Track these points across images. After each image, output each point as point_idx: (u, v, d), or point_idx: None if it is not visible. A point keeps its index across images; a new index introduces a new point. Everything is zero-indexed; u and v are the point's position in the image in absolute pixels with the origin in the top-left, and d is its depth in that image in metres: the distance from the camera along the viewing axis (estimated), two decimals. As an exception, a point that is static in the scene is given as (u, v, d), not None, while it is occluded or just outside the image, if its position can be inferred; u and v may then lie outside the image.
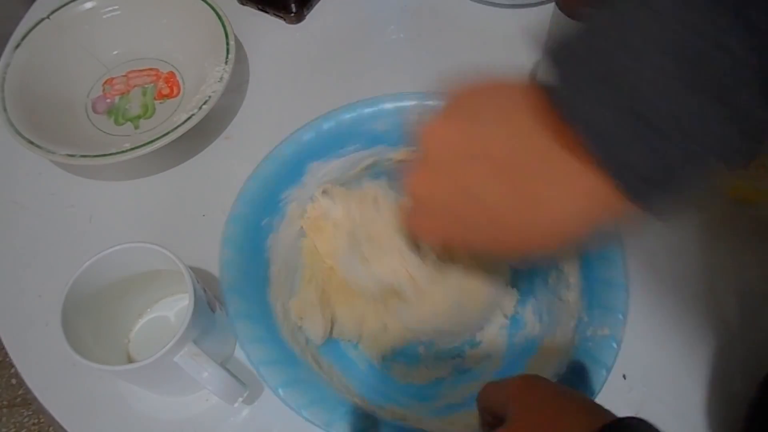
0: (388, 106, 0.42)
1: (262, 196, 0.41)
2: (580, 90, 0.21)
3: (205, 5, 0.57)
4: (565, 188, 0.23)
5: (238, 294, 0.37)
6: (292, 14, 0.63)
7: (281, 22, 0.64)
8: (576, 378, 0.35)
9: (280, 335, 0.38)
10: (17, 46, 0.55)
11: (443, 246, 0.38)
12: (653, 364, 0.43)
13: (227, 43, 0.54)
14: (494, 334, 0.44)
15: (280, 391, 0.33)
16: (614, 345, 0.36)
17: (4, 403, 1.17)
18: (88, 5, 0.58)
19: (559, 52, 0.22)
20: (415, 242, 0.40)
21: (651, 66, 0.19)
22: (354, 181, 0.46)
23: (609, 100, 0.20)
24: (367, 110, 0.42)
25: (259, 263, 0.40)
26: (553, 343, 0.39)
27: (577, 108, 0.21)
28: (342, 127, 0.42)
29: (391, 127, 0.43)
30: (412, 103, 0.42)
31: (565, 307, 0.40)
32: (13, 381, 1.18)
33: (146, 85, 0.58)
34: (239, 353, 0.44)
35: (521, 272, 0.44)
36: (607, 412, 0.25)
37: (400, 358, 0.43)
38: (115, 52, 0.60)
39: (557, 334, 0.40)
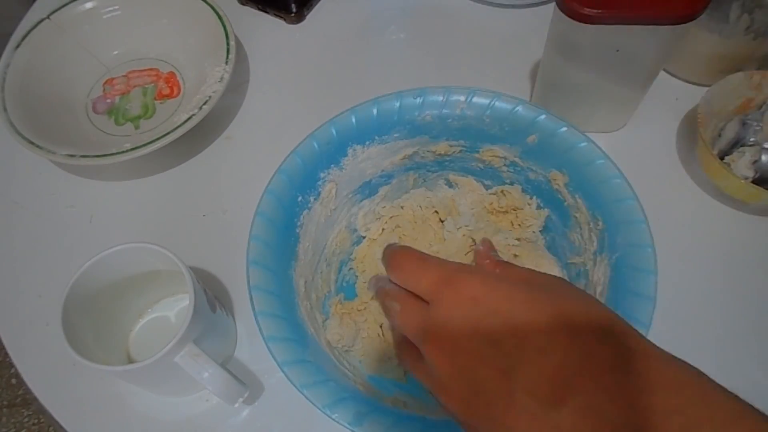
0: (436, 98, 0.42)
1: (302, 173, 0.41)
2: None
3: (206, 5, 0.57)
4: None
5: (262, 267, 0.37)
6: (293, 14, 0.63)
7: (281, 22, 0.64)
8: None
9: (296, 313, 0.38)
10: (17, 46, 0.55)
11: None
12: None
13: (227, 43, 0.54)
14: None
15: (285, 369, 0.33)
16: None
17: (4, 403, 1.17)
18: (88, 5, 0.58)
19: None
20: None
21: None
22: (401, 189, 0.47)
23: None
24: (415, 100, 0.42)
25: (289, 238, 0.40)
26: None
27: None
28: (388, 114, 0.42)
29: (435, 120, 0.43)
30: (460, 98, 0.42)
31: None
32: (13, 381, 1.18)
33: (146, 85, 0.58)
34: (240, 353, 0.44)
35: None
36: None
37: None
38: (115, 52, 0.60)
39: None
